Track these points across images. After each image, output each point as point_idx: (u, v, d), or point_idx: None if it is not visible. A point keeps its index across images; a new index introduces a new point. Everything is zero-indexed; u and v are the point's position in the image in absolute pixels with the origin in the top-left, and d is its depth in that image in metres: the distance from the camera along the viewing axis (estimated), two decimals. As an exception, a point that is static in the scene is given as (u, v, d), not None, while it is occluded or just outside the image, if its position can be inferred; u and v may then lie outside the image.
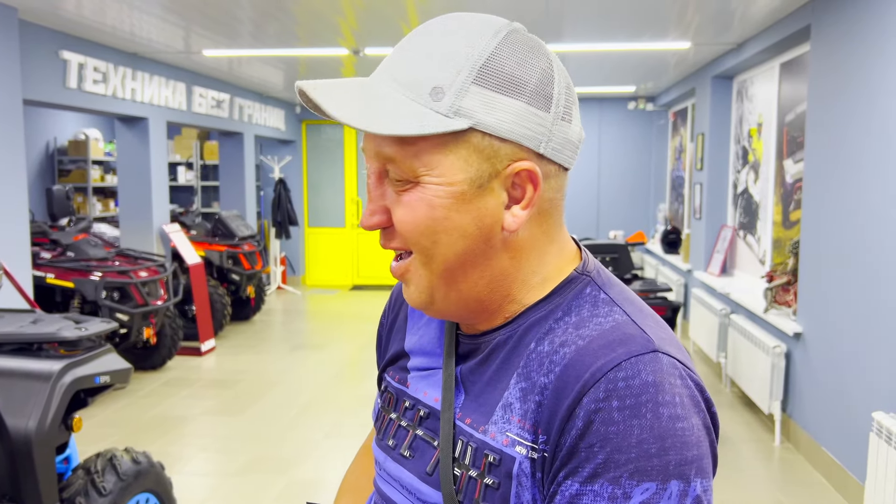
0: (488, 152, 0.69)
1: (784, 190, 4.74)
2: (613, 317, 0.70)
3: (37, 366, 2.20)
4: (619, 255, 4.77)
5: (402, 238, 0.72)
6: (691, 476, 0.62)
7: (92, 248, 5.29)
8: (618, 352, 0.65)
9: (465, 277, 0.72)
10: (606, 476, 0.62)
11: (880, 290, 3.09)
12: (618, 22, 4.67)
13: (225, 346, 6.45)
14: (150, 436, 4.22)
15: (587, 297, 0.74)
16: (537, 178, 0.70)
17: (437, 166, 0.68)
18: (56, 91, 4.77)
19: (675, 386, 0.65)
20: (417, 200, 0.69)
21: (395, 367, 0.89)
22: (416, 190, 0.69)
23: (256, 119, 8.19)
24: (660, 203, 8.73)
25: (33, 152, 8.26)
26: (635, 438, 0.61)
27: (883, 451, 2.78)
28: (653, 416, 0.62)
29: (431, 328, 0.86)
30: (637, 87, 7.99)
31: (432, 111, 0.67)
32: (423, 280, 0.73)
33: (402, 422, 0.82)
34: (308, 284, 10.05)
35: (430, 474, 0.75)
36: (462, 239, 0.70)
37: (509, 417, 0.70)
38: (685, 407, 0.64)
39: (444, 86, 0.67)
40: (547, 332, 0.72)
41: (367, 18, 4.61)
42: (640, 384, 0.63)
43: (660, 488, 0.61)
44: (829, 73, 3.68)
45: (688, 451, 0.63)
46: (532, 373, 0.70)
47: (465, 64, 0.67)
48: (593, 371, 0.65)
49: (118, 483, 2.37)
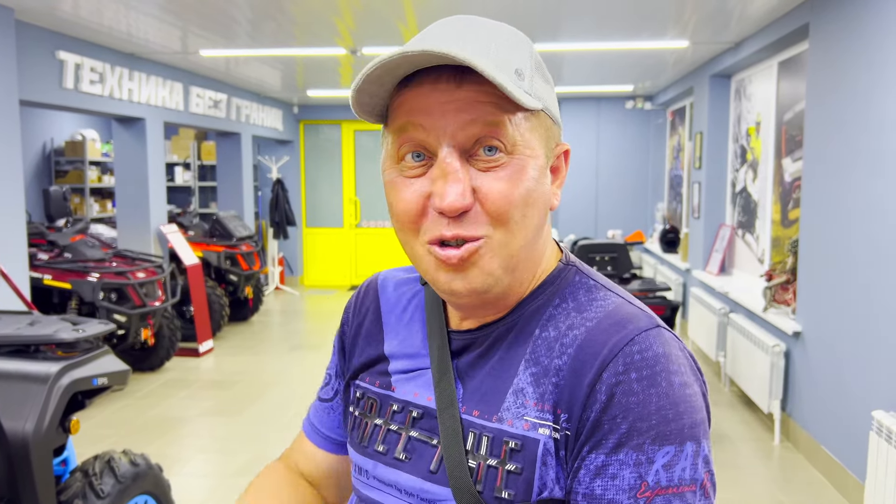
0: (550, 132, 0.75)
1: (783, 188, 4.73)
2: (612, 299, 0.75)
3: (34, 368, 2.19)
4: (618, 254, 4.77)
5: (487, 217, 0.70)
6: (701, 437, 0.68)
7: (89, 249, 5.27)
8: (628, 328, 0.70)
9: (526, 256, 0.74)
10: (630, 444, 0.65)
11: (879, 288, 3.09)
12: (615, 21, 4.67)
13: (223, 347, 6.43)
14: (148, 437, 4.21)
15: (579, 285, 0.78)
16: (569, 157, 0.79)
17: (528, 139, 0.71)
18: (53, 91, 4.76)
19: (679, 357, 0.70)
20: (515, 172, 0.70)
21: (372, 372, 0.87)
22: (511, 163, 0.70)
23: (254, 119, 8.18)
24: (658, 202, 8.72)
25: (30, 153, 8.24)
26: (654, 406, 0.66)
27: (883, 450, 2.77)
28: (667, 384, 0.67)
29: (413, 330, 0.86)
30: (635, 87, 7.98)
31: (521, 89, 0.69)
32: (495, 262, 0.71)
33: (392, 426, 0.81)
34: (306, 285, 10.03)
35: (435, 472, 0.75)
36: (538, 215, 0.73)
37: (523, 402, 0.72)
38: (689, 375, 0.69)
39: (523, 69, 0.71)
40: (549, 318, 0.75)
41: (364, 18, 4.60)
42: (653, 356, 0.68)
43: (678, 450, 0.65)
44: (827, 72, 3.67)
45: (696, 414, 0.68)
46: (541, 357, 0.73)
47: (528, 51, 0.73)
48: (610, 347, 0.68)
49: (116, 485, 2.36)
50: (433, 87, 0.69)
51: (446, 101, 0.69)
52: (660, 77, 7.20)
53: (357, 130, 9.86)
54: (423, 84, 0.70)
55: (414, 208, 0.71)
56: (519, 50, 0.72)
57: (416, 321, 0.86)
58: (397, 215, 0.73)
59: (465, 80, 0.68)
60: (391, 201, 0.74)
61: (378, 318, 0.90)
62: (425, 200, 0.71)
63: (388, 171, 0.74)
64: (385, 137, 0.76)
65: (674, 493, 0.65)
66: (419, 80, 0.70)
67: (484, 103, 0.68)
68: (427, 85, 0.70)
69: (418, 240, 0.73)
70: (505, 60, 0.69)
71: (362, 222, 9.92)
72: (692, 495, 0.65)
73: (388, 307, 0.90)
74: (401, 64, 0.67)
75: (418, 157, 0.71)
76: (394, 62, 0.66)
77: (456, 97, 0.68)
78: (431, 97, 0.69)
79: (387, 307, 0.90)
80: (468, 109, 0.68)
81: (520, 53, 0.72)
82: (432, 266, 0.73)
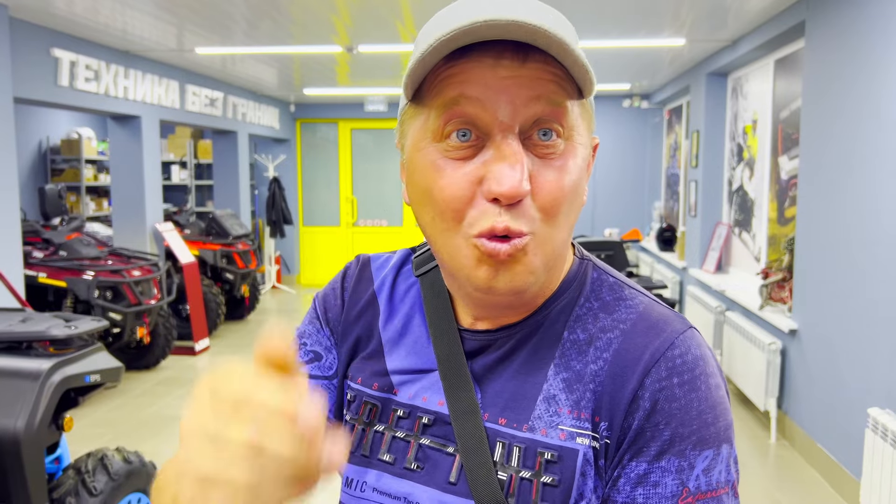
0: (591, 123, 0.69)
1: (779, 187, 4.73)
2: (639, 298, 0.72)
3: (25, 364, 2.18)
4: (615, 252, 4.77)
5: (536, 209, 0.63)
6: (732, 438, 0.68)
7: (85, 247, 5.26)
8: (667, 332, 0.67)
9: (562, 254, 0.69)
10: (672, 450, 0.64)
11: (875, 286, 3.09)
12: (612, 19, 4.66)
13: (219, 346, 6.42)
14: (143, 435, 4.19)
15: (598, 282, 0.74)
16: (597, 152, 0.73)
17: (579, 127, 0.66)
18: (47, 89, 4.74)
19: (710, 357, 0.69)
20: (568, 162, 0.64)
21: (366, 371, 0.79)
22: (566, 151, 0.64)
23: (250, 118, 8.16)
24: (655, 200, 8.72)
25: (25, 151, 8.21)
26: (695, 410, 0.65)
27: (879, 447, 2.77)
28: (706, 387, 0.66)
29: (413, 325, 0.78)
30: (632, 85, 7.98)
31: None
32: (539, 259, 0.65)
33: (398, 433, 0.74)
34: (303, 283, 10.02)
35: (455, 483, 0.70)
36: (579, 209, 0.68)
37: (556, 410, 0.68)
38: (719, 376, 0.69)
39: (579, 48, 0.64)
40: (576, 319, 0.71)
41: (360, 16, 4.59)
42: (692, 359, 0.66)
43: (715, 454, 0.65)
44: (823, 70, 3.67)
45: (728, 416, 0.67)
46: (572, 362, 0.69)
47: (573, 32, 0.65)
48: (652, 352, 0.66)
49: (109, 483, 2.35)
50: (496, 62, 0.61)
51: (507, 76, 0.61)
52: (656, 75, 7.20)
53: (354, 129, 9.85)
54: (482, 59, 0.62)
55: (464, 194, 0.62)
56: (570, 29, 0.65)
57: (416, 316, 0.78)
58: (440, 202, 0.64)
59: (529, 57, 0.61)
60: (429, 185, 0.64)
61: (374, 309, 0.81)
62: (476, 186, 0.62)
63: (426, 150, 0.65)
64: (419, 113, 0.66)
65: (712, 496, 0.64)
66: (475, 55, 0.62)
67: (548, 81, 0.62)
68: (489, 59, 0.61)
69: (461, 231, 0.64)
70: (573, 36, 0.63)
71: (359, 221, 9.91)
72: (727, 497, 0.65)
73: (384, 297, 0.81)
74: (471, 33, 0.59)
75: (464, 137, 0.63)
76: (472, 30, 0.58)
77: (518, 73, 0.61)
78: (491, 72, 0.61)
79: (382, 297, 0.82)
80: (532, 86, 0.61)
81: (573, 31, 0.65)
82: (472, 260, 0.64)
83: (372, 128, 9.76)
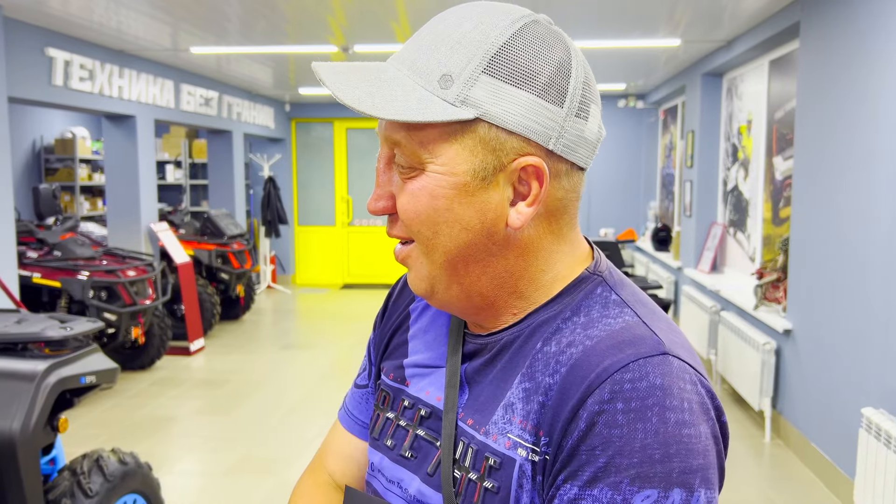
0: (494, 144, 0.66)
1: (774, 187, 4.75)
2: (624, 318, 0.68)
3: (21, 366, 2.17)
4: (610, 252, 4.78)
5: (404, 226, 0.71)
6: (695, 485, 0.60)
7: (79, 247, 5.24)
8: (626, 352, 0.63)
9: (467, 271, 0.71)
10: (606, 480, 0.60)
11: (868, 286, 3.10)
12: (607, 19, 4.67)
13: (214, 346, 6.41)
14: (138, 436, 4.18)
15: (597, 298, 0.71)
16: (543, 174, 0.67)
17: (441, 155, 0.67)
18: (42, 89, 4.72)
19: (685, 391, 0.62)
20: (420, 189, 0.68)
21: (391, 364, 0.86)
22: (420, 178, 0.68)
23: (245, 117, 8.15)
24: (650, 200, 8.74)
25: (19, 151, 8.18)
26: (639, 443, 0.59)
27: (872, 447, 2.78)
28: (658, 420, 0.60)
29: (438, 325, 0.83)
30: (627, 85, 7.99)
31: (440, 99, 0.65)
32: (424, 269, 0.72)
33: (401, 421, 0.80)
34: (298, 283, 10.01)
35: (432, 475, 0.74)
36: (464, 232, 0.68)
37: (510, 418, 0.69)
38: (693, 413, 0.62)
39: (454, 73, 0.65)
40: (554, 332, 0.70)
41: (356, 15, 4.59)
42: (647, 387, 0.61)
43: (661, 496, 0.59)
44: (817, 70, 3.68)
45: (693, 459, 0.60)
46: (537, 373, 0.69)
47: (477, 52, 0.66)
48: (599, 371, 0.63)
49: (104, 484, 2.34)
50: None
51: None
52: (652, 75, 7.21)
53: (349, 128, 9.84)
54: None
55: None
56: (469, 48, 0.65)
57: (442, 316, 0.84)
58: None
59: None
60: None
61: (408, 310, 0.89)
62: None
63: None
64: None
65: None
66: None
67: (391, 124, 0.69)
68: None
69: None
70: (436, 64, 0.66)
71: (354, 221, 9.90)
72: None
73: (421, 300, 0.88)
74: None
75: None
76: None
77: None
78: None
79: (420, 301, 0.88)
80: (384, 124, 0.70)
81: (468, 52, 0.65)
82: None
83: (367, 127, 9.75)
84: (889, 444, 2.67)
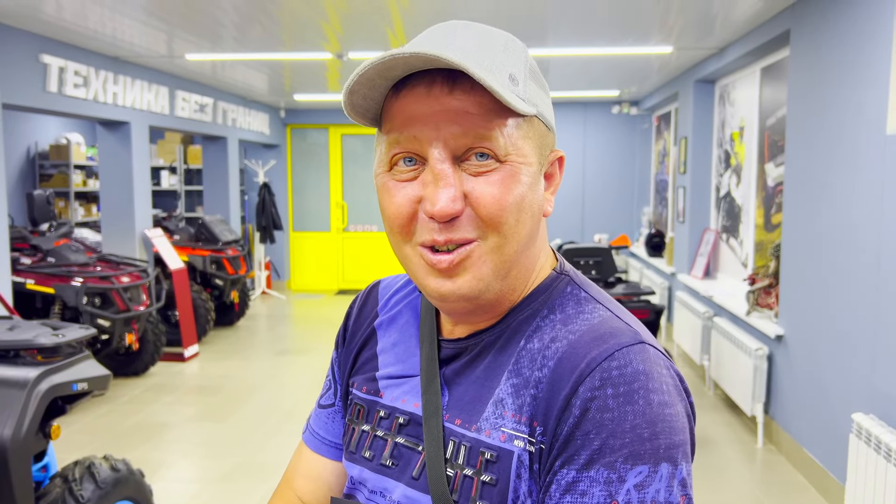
0: (544, 139, 0.75)
1: (766, 193, 4.77)
2: (599, 313, 0.74)
3: (12, 373, 2.17)
4: (603, 258, 4.79)
5: (480, 221, 0.70)
6: (679, 459, 0.65)
7: (73, 253, 5.24)
8: (609, 343, 0.68)
9: (518, 263, 0.74)
10: (602, 461, 0.64)
11: (859, 292, 3.12)
12: (601, 26, 4.69)
13: (208, 352, 6.40)
14: (131, 443, 4.18)
15: (569, 296, 0.77)
16: (563, 164, 0.79)
17: (520, 146, 0.71)
18: (36, 95, 4.73)
19: (662, 375, 0.68)
20: (507, 178, 0.70)
21: (362, 378, 0.88)
22: (503, 168, 0.70)
23: (240, 123, 8.16)
24: (644, 206, 8.77)
25: (14, 157, 8.17)
26: (629, 424, 0.64)
27: (863, 452, 2.80)
28: (644, 402, 0.65)
29: (406, 336, 0.86)
30: (621, 92, 8.03)
31: (514, 94, 0.69)
32: (487, 266, 0.71)
33: (378, 432, 0.82)
34: (293, 289, 10.00)
35: (417, 478, 0.76)
36: (532, 221, 0.73)
37: (502, 413, 0.72)
38: (671, 394, 0.68)
39: (516, 74, 0.71)
40: (535, 329, 0.75)
41: (351, 23, 4.61)
42: (632, 372, 0.66)
43: (651, 471, 0.64)
44: (808, 78, 3.71)
45: (675, 435, 0.66)
46: (523, 369, 0.72)
47: (522, 57, 0.73)
48: (588, 361, 0.67)
49: (96, 491, 2.34)
50: (427, 92, 0.69)
51: (438, 109, 0.68)
52: (645, 82, 7.25)
53: (344, 134, 9.85)
54: (416, 88, 0.69)
55: (405, 212, 0.71)
56: (514, 54, 0.72)
57: (411, 327, 0.86)
58: (388, 219, 0.73)
59: (456, 86, 0.68)
60: (383, 205, 0.74)
61: (373, 324, 0.90)
62: (416, 204, 0.71)
63: (381, 175, 0.74)
64: (378, 143, 0.75)
65: None
66: (413, 85, 0.70)
67: (473, 114, 0.68)
68: (421, 89, 0.69)
69: (409, 243, 0.72)
70: (500, 64, 0.70)
71: (349, 226, 9.91)
72: None
73: (385, 313, 0.90)
74: (393, 67, 0.67)
75: (410, 162, 0.71)
76: (385, 64, 0.66)
77: (447, 105, 0.68)
78: (423, 104, 0.69)
79: (384, 313, 0.90)
80: (458, 121, 0.68)
81: (514, 58, 0.72)
82: (422, 270, 0.72)
83: (362, 133, 9.77)
84: (879, 450, 2.68)
